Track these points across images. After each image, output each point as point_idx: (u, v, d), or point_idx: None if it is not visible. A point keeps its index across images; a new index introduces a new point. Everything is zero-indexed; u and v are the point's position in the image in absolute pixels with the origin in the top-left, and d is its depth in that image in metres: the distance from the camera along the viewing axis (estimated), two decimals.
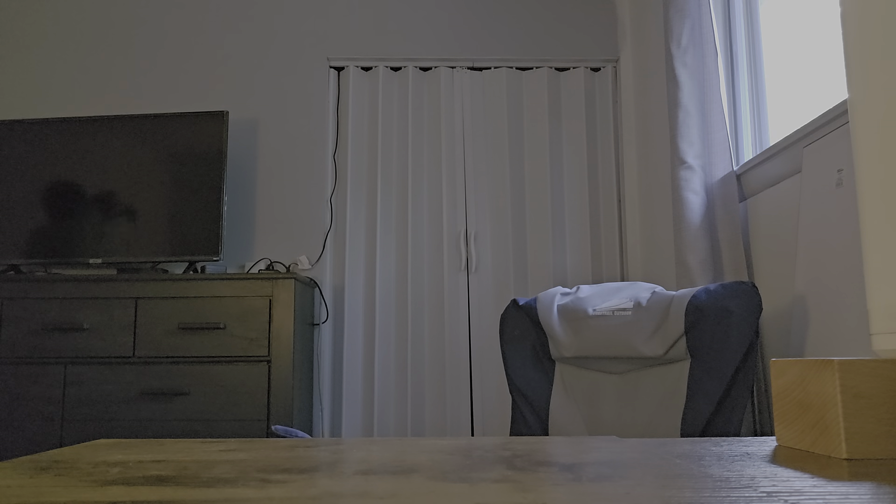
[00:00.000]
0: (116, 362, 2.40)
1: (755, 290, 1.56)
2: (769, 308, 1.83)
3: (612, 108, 3.02)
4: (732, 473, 0.54)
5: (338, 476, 0.54)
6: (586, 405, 1.71)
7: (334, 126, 2.99)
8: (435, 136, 2.95)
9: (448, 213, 2.88)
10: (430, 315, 2.82)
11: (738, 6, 2.21)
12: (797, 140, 1.64)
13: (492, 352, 2.81)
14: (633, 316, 1.67)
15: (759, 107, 2.11)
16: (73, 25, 3.05)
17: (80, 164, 2.73)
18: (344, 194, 2.91)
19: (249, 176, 2.94)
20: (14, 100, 3.00)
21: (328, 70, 3.01)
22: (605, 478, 0.51)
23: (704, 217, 2.00)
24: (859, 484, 0.50)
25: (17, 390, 2.39)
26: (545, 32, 3.04)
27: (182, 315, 2.42)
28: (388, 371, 2.80)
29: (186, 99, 2.99)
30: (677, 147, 2.08)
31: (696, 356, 1.58)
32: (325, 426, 2.78)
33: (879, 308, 0.64)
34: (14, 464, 0.61)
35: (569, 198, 2.93)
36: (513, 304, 1.84)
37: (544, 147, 2.92)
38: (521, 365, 1.79)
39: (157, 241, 2.65)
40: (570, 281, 2.88)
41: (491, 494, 0.46)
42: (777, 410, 0.73)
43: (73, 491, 0.48)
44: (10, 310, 2.44)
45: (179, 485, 0.50)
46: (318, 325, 2.84)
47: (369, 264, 2.87)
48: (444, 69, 2.98)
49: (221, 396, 2.37)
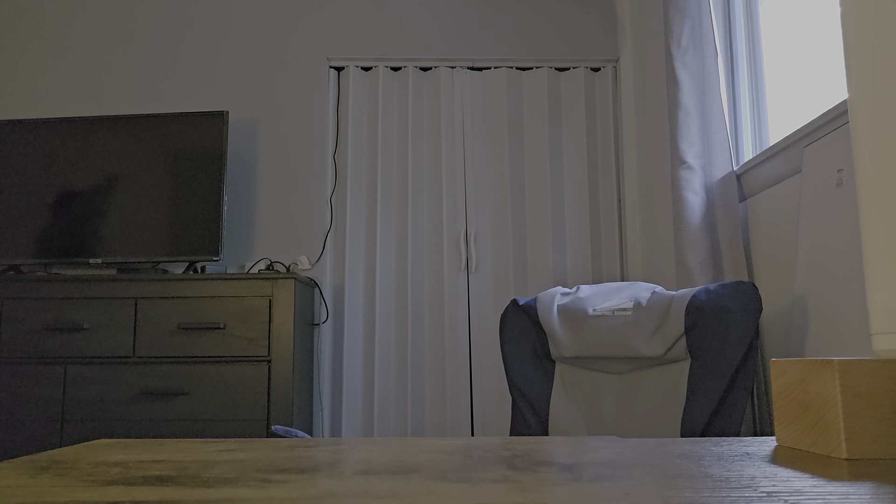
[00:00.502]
0: (116, 362, 2.40)
1: (755, 290, 1.56)
2: (769, 308, 1.83)
3: (612, 108, 3.02)
4: (732, 473, 0.54)
5: (338, 476, 0.54)
6: (586, 405, 1.71)
7: (334, 126, 2.99)
8: (435, 136, 2.95)
9: (448, 213, 2.88)
10: (430, 315, 2.82)
11: (738, 6, 2.21)
12: (797, 140, 1.64)
13: (492, 352, 2.81)
14: (633, 316, 1.67)
15: (759, 107, 2.11)
16: (73, 25, 3.05)
17: (80, 164, 2.73)
18: (344, 194, 2.91)
19: (249, 176, 2.94)
20: (14, 100, 3.00)
21: (328, 70, 3.01)
22: (605, 478, 0.51)
23: (704, 217, 2.00)
24: (859, 484, 0.50)
25: (17, 390, 2.39)
26: (545, 32, 3.04)
27: (182, 315, 2.42)
28: (388, 371, 2.80)
29: (186, 99, 2.99)
30: (677, 147, 2.08)
31: (696, 356, 1.58)
32: (325, 426, 2.78)
33: (879, 308, 0.64)
34: (14, 464, 0.61)
35: (569, 198, 2.93)
36: (513, 304, 1.84)
37: (544, 147, 2.92)
38: (521, 365, 1.79)
39: (157, 241, 2.65)
40: (570, 281, 2.88)
41: (491, 494, 0.46)
42: (777, 410, 0.73)
43: (73, 491, 0.48)
44: (10, 310, 2.44)
45: (179, 485, 0.50)
46: (318, 325, 2.84)
47: (369, 264, 2.87)
48: (444, 69, 2.98)
49: (221, 396, 2.37)
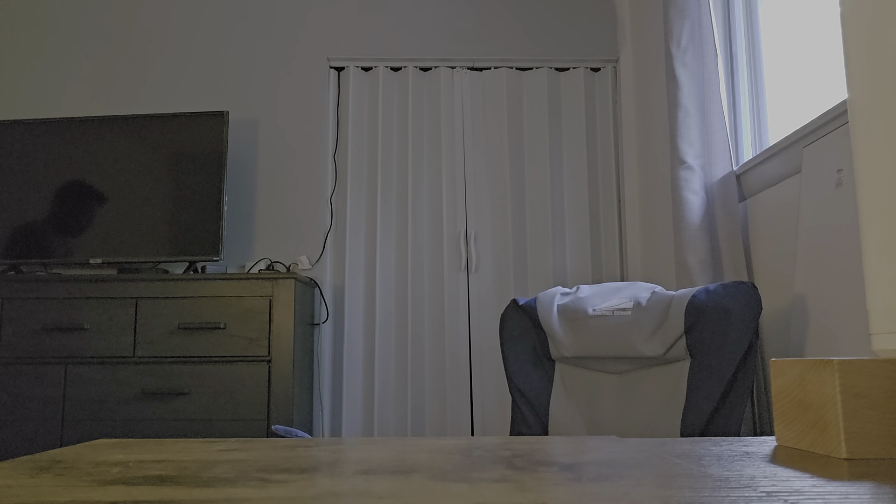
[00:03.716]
0: (116, 362, 2.40)
1: (755, 290, 1.56)
2: (769, 308, 1.83)
3: (612, 108, 3.02)
4: (732, 473, 0.54)
5: (338, 476, 0.54)
6: (586, 405, 1.71)
7: (334, 126, 2.99)
8: (435, 136, 2.95)
9: (448, 213, 2.88)
10: (430, 315, 2.82)
11: (738, 6, 2.21)
12: (797, 140, 1.64)
13: (492, 352, 2.81)
14: (632, 316, 1.67)
15: (758, 107, 2.11)
16: (73, 25, 3.05)
17: (81, 164, 2.73)
18: (344, 194, 2.91)
19: (249, 176, 2.94)
20: (14, 100, 3.00)
21: (328, 70, 3.01)
22: (605, 478, 0.52)
23: (704, 217, 2.00)
24: (859, 484, 0.50)
25: (17, 390, 2.39)
26: (545, 32, 3.04)
27: (182, 315, 2.42)
28: (388, 371, 2.80)
29: (186, 99, 2.99)
30: (677, 147, 2.08)
31: (696, 356, 1.58)
32: (325, 426, 2.78)
33: (879, 308, 0.64)
34: (14, 464, 0.61)
35: (569, 198, 2.93)
36: (513, 304, 1.84)
37: (544, 147, 2.92)
38: (521, 365, 1.79)
39: (157, 241, 2.65)
40: (570, 281, 2.88)
41: (491, 494, 0.46)
42: (777, 410, 0.73)
43: (73, 491, 0.48)
44: (10, 310, 2.44)
45: (179, 485, 0.50)
46: (318, 325, 2.84)
47: (369, 264, 2.87)
48: (444, 69, 2.98)
49: (221, 396, 2.37)
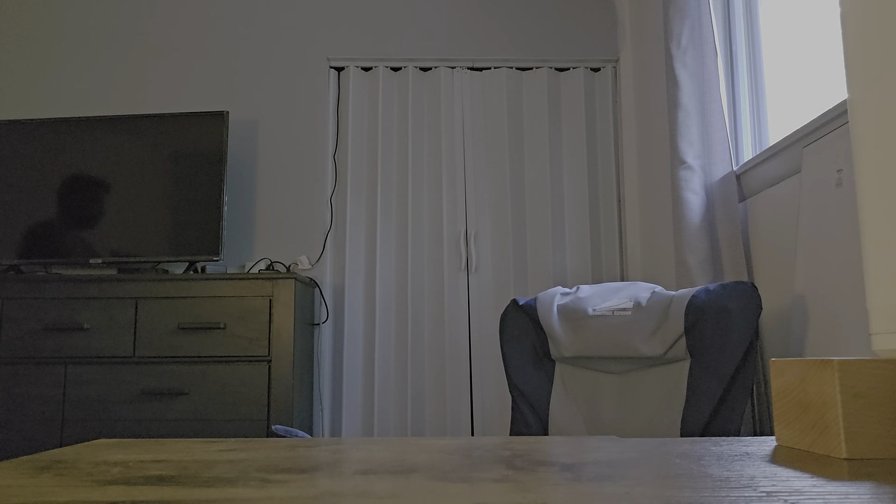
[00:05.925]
0: (116, 362, 2.40)
1: (755, 289, 1.56)
2: (769, 308, 1.83)
3: (612, 108, 3.02)
4: (732, 473, 0.54)
5: (338, 476, 0.54)
6: (586, 405, 1.71)
7: (334, 126, 2.99)
8: (435, 136, 2.95)
9: (448, 213, 2.88)
10: (430, 315, 2.82)
11: (738, 6, 2.21)
12: (797, 140, 1.64)
13: (492, 352, 2.80)
14: (632, 316, 1.67)
15: (758, 107, 2.11)
16: (74, 26, 3.05)
17: (81, 164, 2.73)
18: (344, 194, 2.91)
19: (249, 176, 2.94)
20: (14, 100, 3.00)
21: (328, 70, 3.01)
22: (605, 478, 0.51)
23: (704, 217, 2.00)
24: (859, 484, 0.50)
25: (17, 390, 2.39)
26: (545, 33, 3.04)
27: (182, 315, 2.42)
28: (388, 371, 2.80)
29: (187, 99, 2.99)
30: (677, 147, 2.08)
31: (696, 356, 1.58)
32: (325, 426, 2.78)
33: (879, 308, 0.64)
34: (14, 464, 0.61)
35: (569, 198, 2.93)
36: (513, 304, 1.84)
37: (544, 147, 2.92)
38: (521, 365, 1.79)
39: (157, 241, 2.65)
40: (570, 281, 2.88)
41: (491, 494, 0.46)
42: (777, 410, 0.73)
43: (73, 491, 0.48)
44: (10, 310, 2.44)
45: (179, 485, 0.50)
46: (318, 325, 2.84)
47: (369, 264, 2.87)
48: (443, 69, 2.97)
49: (221, 396, 2.37)
